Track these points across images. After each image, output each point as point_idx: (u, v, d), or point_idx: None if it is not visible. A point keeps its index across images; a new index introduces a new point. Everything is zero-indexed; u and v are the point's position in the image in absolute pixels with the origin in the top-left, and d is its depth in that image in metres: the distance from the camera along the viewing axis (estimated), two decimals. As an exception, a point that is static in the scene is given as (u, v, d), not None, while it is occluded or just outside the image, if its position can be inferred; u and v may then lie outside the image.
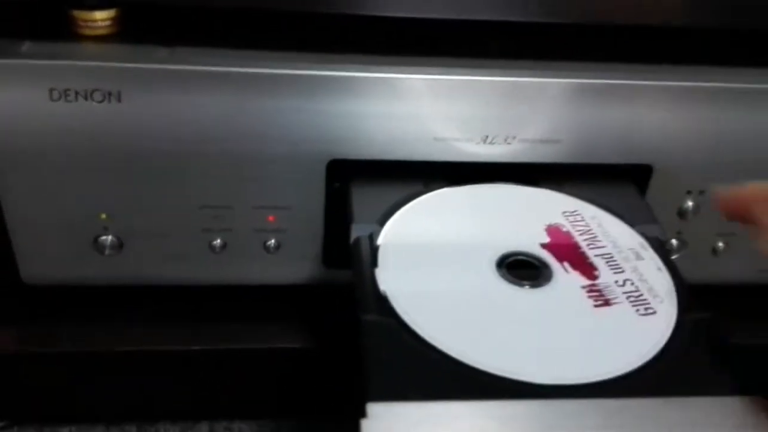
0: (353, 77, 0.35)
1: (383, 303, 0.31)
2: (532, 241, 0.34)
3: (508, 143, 0.36)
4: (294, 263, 0.39)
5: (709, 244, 0.41)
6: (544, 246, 0.34)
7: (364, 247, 0.34)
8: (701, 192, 0.39)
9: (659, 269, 0.33)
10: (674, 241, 0.40)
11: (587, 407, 0.28)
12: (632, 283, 0.32)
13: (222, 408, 0.46)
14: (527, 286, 0.32)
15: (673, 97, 0.37)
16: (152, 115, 0.34)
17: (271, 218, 0.37)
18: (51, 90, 0.33)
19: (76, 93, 0.33)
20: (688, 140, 0.37)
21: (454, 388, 0.28)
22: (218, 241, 0.38)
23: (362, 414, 0.26)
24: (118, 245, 0.38)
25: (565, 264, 0.33)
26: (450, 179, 0.38)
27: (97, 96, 0.33)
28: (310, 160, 0.36)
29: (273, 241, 0.38)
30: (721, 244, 0.41)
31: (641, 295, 0.32)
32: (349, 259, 0.34)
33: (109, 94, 0.33)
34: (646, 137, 0.37)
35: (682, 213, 0.39)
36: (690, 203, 0.39)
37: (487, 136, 0.36)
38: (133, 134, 0.34)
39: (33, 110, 0.33)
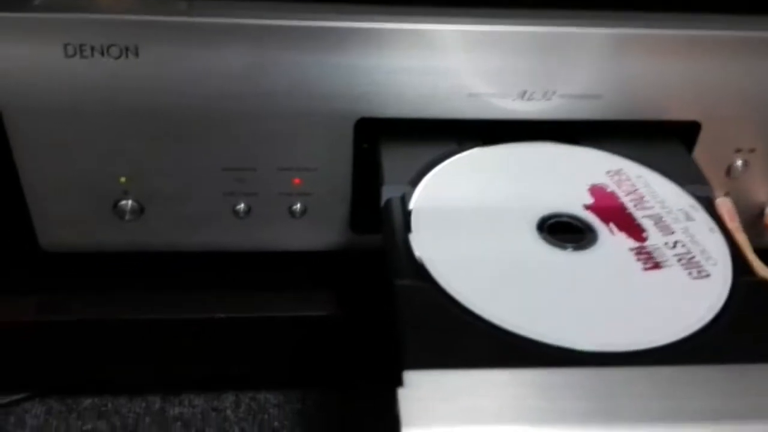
0: (381, 29, 0.32)
1: (419, 268, 0.29)
2: (574, 202, 0.32)
3: (548, 99, 0.34)
4: (320, 228, 0.38)
5: (759, 206, 0.39)
6: (587, 207, 0.32)
7: (396, 209, 0.32)
8: (752, 150, 0.36)
9: (711, 230, 0.31)
10: (721, 203, 0.38)
11: (635, 376, 0.26)
12: (683, 245, 0.30)
13: (248, 378, 0.45)
14: (570, 249, 0.30)
15: (722, 48, 0.34)
16: (171, 71, 0.32)
17: (296, 181, 0.36)
18: (66, 45, 0.31)
19: (92, 48, 0.31)
20: (738, 95, 0.35)
21: (494, 355, 0.26)
22: (242, 205, 0.36)
23: (398, 383, 0.25)
24: (139, 210, 0.36)
25: (611, 225, 0.31)
26: (485, 138, 0.36)
27: (114, 51, 0.31)
28: (337, 119, 0.34)
29: (299, 205, 0.36)
30: (770, 206, 0.39)
31: (693, 257, 0.30)
32: (379, 223, 0.32)
33: (126, 49, 0.31)
34: (694, 92, 0.35)
35: (730, 172, 0.37)
36: (739, 162, 0.37)
37: (525, 92, 0.34)
38: (152, 91, 0.32)
39: (47, 67, 0.32)
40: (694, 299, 0.28)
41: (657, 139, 0.36)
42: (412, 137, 0.35)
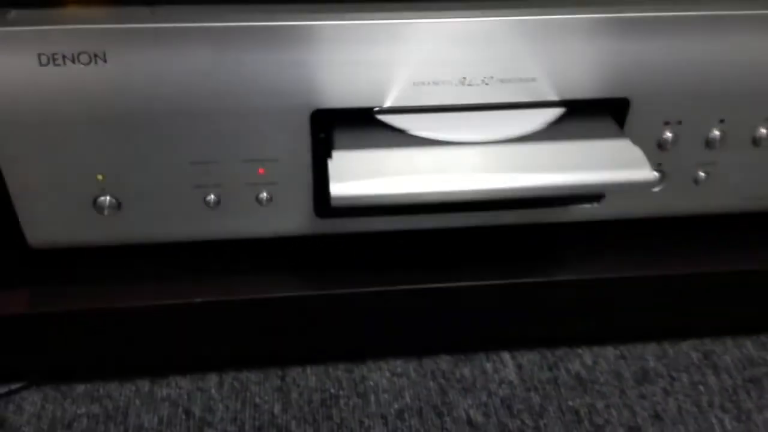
0: (329, 26, 0.35)
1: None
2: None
3: (486, 84, 0.37)
4: (287, 215, 0.40)
5: (690, 175, 0.41)
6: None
7: None
8: (679, 122, 0.39)
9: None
10: (655, 173, 0.41)
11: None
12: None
13: (230, 359, 0.47)
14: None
15: (646, 28, 0.36)
16: (138, 73, 0.34)
17: (260, 171, 0.38)
18: (39, 55, 0.34)
19: (64, 57, 0.34)
20: (663, 72, 0.37)
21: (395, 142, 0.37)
22: (211, 196, 0.38)
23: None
24: (117, 205, 0.38)
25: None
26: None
27: (84, 58, 0.34)
28: (293, 112, 0.36)
29: (265, 193, 0.39)
30: (702, 174, 0.41)
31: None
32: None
33: (95, 55, 0.34)
34: (621, 70, 0.37)
35: (661, 144, 0.40)
36: (669, 134, 0.39)
37: (464, 78, 0.36)
38: (120, 94, 0.35)
39: (24, 76, 0.34)
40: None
41: (589, 116, 0.39)
42: (364, 126, 0.37)
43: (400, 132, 0.37)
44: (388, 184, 0.34)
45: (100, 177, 0.37)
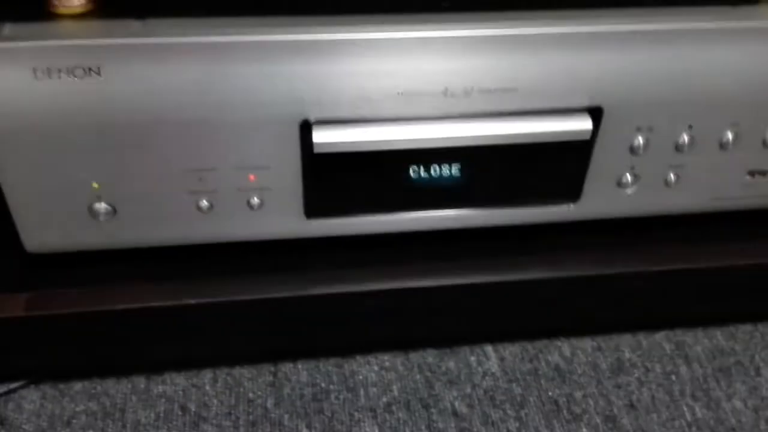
0: (317, 41, 0.36)
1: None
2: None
3: (468, 95, 0.38)
4: (277, 219, 0.42)
5: (661, 177, 0.43)
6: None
7: None
8: (650, 128, 0.41)
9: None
10: (628, 176, 0.43)
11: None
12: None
13: (223, 357, 0.49)
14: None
15: (618, 42, 0.38)
16: (131, 85, 0.35)
17: (252, 177, 0.39)
18: (34, 69, 0.35)
19: (59, 70, 0.35)
20: (633, 81, 0.39)
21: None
22: (204, 202, 0.40)
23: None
24: (112, 211, 0.39)
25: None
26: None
27: (78, 72, 0.35)
28: (283, 122, 0.38)
29: (256, 199, 0.40)
30: (672, 176, 0.43)
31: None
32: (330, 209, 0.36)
33: (90, 69, 0.35)
34: (595, 81, 0.39)
35: (633, 149, 0.41)
36: (640, 139, 0.41)
37: (446, 89, 0.38)
38: (115, 105, 0.36)
39: (19, 89, 0.35)
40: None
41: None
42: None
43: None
44: (363, 132, 0.38)
45: (95, 185, 0.38)
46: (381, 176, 0.41)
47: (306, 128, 0.38)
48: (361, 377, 0.48)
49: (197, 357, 0.48)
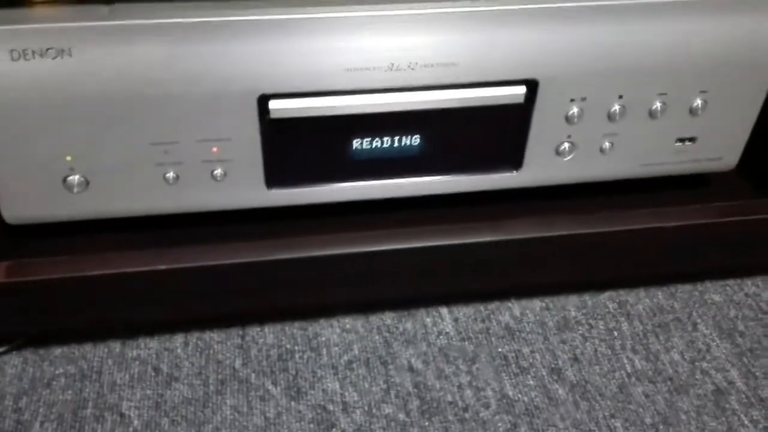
0: (272, 20, 0.40)
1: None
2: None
3: (412, 69, 0.43)
4: (240, 189, 0.46)
5: (596, 145, 0.48)
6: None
7: None
8: (583, 99, 0.46)
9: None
10: (566, 144, 0.48)
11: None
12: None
13: (194, 321, 0.53)
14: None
15: (550, 17, 0.43)
16: (100, 66, 0.40)
17: (215, 150, 0.44)
18: (11, 51, 0.39)
19: (33, 52, 0.39)
20: (566, 55, 0.44)
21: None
22: (171, 173, 0.44)
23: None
24: (85, 183, 0.44)
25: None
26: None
27: (51, 53, 0.39)
28: (242, 96, 0.42)
29: (219, 170, 0.45)
30: (606, 144, 0.48)
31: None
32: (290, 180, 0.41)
33: (62, 50, 0.39)
34: (530, 55, 0.44)
35: (569, 119, 0.46)
36: (575, 109, 0.46)
37: (392, 64, 0.43)
38: (85, 84, 0.40)
39: (-3, 70, 0.39)
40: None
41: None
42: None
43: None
44: (315, 100, 0.43)
45: (69, 158, 0.43)
46: (332, 145, 0.45)
47: (263, 101, 0.42)
48: (323, 338, 0.53)
49: (169, 322, 0.52)
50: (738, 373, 0.51)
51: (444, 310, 0.55)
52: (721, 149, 0.50)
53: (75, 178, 0.44)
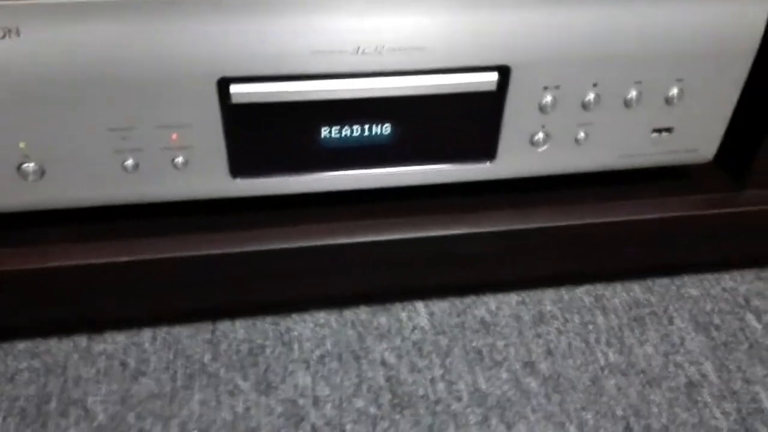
0: None
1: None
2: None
3: (379, 53, 0.39)
4: (203, 178, 0.42)
5: (571, 135, 0.44)
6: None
7: None
8: (557, 87, 0.42)
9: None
10: (540, 134, 0.44)
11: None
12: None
13: (162, 316, 0.49)
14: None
15: (521, 2, 0.39)
16: (50, 46, 0.36)
17: (174, 136, 0.40)
18: (-45, 31, 0.35)
19: (-21, 32, 0.35)
20: (539, 41, 0.40)
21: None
22: (130, 161, 0.40)
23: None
24: (41, 171, 0.40)
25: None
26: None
27: (-2, 33, 0.35)
28: (202, 79, 0.38)
29: (180, 158, 0.41)
30: (581, 134, 0.44)
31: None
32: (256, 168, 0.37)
33: (9, 30, 0.35)
34: (501, 40, 0.40)
35: (542, 108, 0.42)
36: (548, 98, 0.42)
37: (359, 48, 0.39)
38: (35, 65, 0.36)
39: (-58, 50, 0.35)
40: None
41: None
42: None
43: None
44: (278, 85, 0.39)
45: (22, 145, 0.39)
46: (297, 132, 0.41)
47: (224, 84, 0.38)
48: (296, 333, 0.49)
49: (136, 316, 0.48)
50: (712, 367, 0.48)
51: (419, 305, 0.51)
52: (698, 140, 0.46)
53: (30, 166, 0.39)
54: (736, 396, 0.46)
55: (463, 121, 0.42)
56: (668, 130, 0.45)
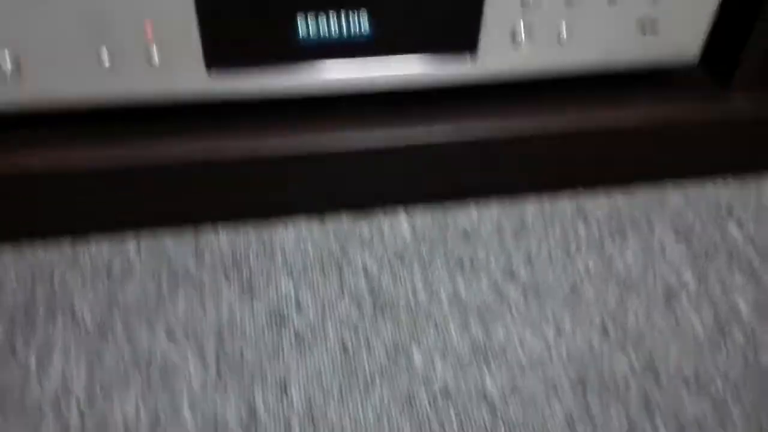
0: None
1: None
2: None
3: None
4: (179, 73, 0.39)
5: (553, 31, 0.40)
6: None
7: None
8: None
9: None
10: (522, 31, 0.40)
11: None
12: None
13: (147, 224, 0.47)
14: None
15: None
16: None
17: (147, 24, 0.37)
18: None
19: None
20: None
21: None
22: (104, 54, 0.37)
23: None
24: (16, 67, 0.37)
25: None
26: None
27: None
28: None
29: (155, 51, 0.37)
30: (564, 31, 0.40)
31: None
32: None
33: None
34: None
35: (524, 2, 0.39)
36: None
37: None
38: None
39: None
40: None
41: None
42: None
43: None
44: None
45: (-8, 38, 0.36)
46: (274, 19, 0.38)
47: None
48: (279, 242, 0.47)
49: (120, 224, 0.46)
50: (691, 275, 0.45)
51: (402, 215, 0.49)
52: (683, 35, 0.43)
53: (6, 60, 0.37)
54: (715, 304, 0.44)
55: (444, 3, 0.39)
56: (652, 24, 0.42)
